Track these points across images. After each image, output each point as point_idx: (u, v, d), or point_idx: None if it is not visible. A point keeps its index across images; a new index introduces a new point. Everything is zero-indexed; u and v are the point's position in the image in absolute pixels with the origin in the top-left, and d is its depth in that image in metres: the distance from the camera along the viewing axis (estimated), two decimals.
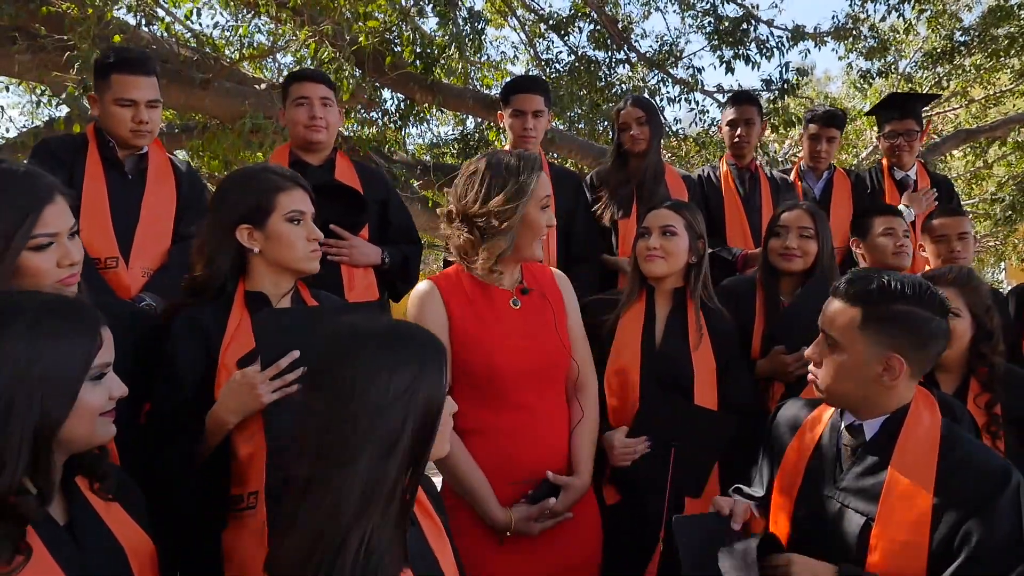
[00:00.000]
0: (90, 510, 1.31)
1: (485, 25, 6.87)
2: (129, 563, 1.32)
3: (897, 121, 3.80)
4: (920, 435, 1.60)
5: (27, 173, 1.52)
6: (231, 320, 1.80)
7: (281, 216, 1.83)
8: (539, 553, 2.02)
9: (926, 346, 1.60)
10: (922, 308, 1.57)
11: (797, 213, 2.72)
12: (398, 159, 7.00)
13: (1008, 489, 1.48)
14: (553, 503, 2.00)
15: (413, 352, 1.28)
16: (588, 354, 2.23)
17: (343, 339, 1.29)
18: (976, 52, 8.91)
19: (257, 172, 1.90)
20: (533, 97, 3.19)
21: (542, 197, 2.02)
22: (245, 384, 1.68)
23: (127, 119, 2.57)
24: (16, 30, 4.84)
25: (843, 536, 1.62)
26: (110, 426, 1.29)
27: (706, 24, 7.84)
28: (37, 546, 1.19)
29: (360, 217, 2.75)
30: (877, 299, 1.58)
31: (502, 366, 2.01)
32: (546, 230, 2.05)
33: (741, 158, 3.68)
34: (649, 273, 2.43)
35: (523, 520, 1.98)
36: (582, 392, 2.19)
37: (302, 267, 1.88)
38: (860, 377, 1.62)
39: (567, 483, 2.05)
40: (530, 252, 2.05)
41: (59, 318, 1.21)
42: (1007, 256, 13.62)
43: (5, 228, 1.44)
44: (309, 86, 2.84)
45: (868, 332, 1.59)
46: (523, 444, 2.03)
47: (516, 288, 2.11)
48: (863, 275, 1.64)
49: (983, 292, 2.30)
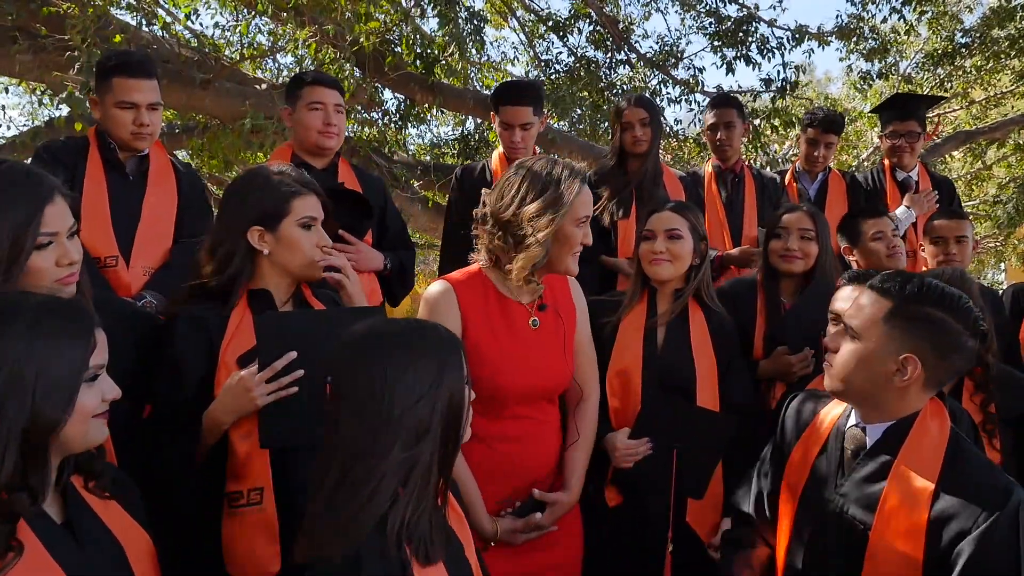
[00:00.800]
0: (87, 509, 1.31)
1: (485, 25, 6.87)
2: (128, 560, 1.32)
3: (899, 122, 3.80)
4: (925, 447, 1.57)
5: (28, 173, 1.52)
6: (232, 318, 1.81)
7: (294, 221, 1.83)
8: (521, 553, 2.02)
9: (947, 357, 1.55)
10: (955, 319, 1.53)
11: (798, 215, 2.72)
12: (398, 159, 7.00)
13: (1007, 510, 1.45)
14: (539, 518, 2.01)
15: (434, 348, 1.35)
16: (593, 364, 2.22)
17: (365, 341, 1.35)
18: (976, 53, 8.90)
19: (273, 175, 1.88)
20: (521, 110, 3.16)
21: (581, 215, 1.96)
22: (240, 386, 1.68)
23: (128, 122, 2.57)
24: (17, 30, 4.84)
25: (841, 542, 1.61)
26: (103, 428, 1.30)
27: (707, 25, 7.84)
28: (35, 545, 1.19)
29: (366, 223, 2.77)
30: (912, 297, 1.55)
31: (506, 386, 2.00)
32: (580, 247, 1.99)
33: (725, 160, 3.69)
34: (655, 277, 2.42)
35: (508, 532, 1.99)
36: (583, 406, 2.18)
37: (307, 273, 1.89)
38: (872, 371, 1.58)
39: (555, 500, 2.06)
40: (564, 266, 2.00)
41: (56, 319, 1.22)
42: (1007, 257, 13.62)
43: (14, 227, 1.45)
44: (326, 92, 2.84)
45: (892, 326, 1.55)
46: (517, 452, 2.04)
47: (535, 303, 2.08)
48: (903, 273, 1.61)
49: (975, 293, 2.30)
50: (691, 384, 2.36)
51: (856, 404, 1.68)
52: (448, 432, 1.33)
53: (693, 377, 2.36)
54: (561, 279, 2.18)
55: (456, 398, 1.35)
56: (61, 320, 1.22)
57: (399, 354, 1.31)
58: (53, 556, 1.20)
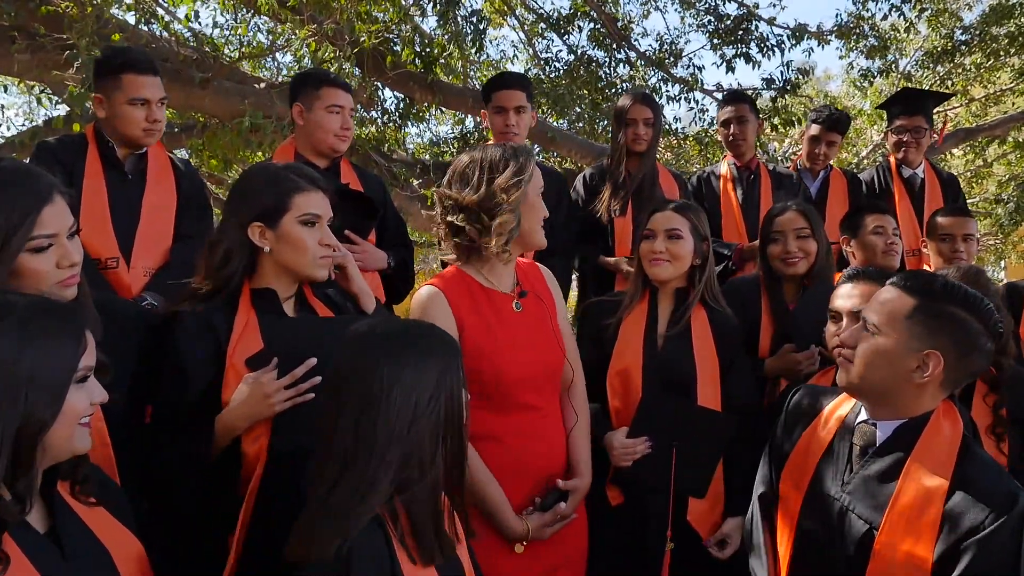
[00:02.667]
0: (72, 516, 1.29)
1: (487, 24, 6.85)
2: (116, 567, 1.30)
3: (906, 117, 3.79)
4: (939, 446, 1.56)
5: (26, 172, 1.50)
6: (238, 319, 1.77)
7: (295, 217, 1.79)
8: (530, 551, 2.01)
9: (967, 356, 1.55)
10: (977, 320, 1.53)
11: (790, 215, 2.70)
12: (397, 158, 6.99)
13: (1011, 516, 1.45)
14: (563, 507, 2.03)
15: (433, 348, 1.36)
16: (575, 350, 2.24)
17: (363, 341, 1.36)
18: (976, 51, 8.90)
19: (278, 170, 1.85)
20: (514, 93, 3.16)
21: (539, 184, 2.04)
22: (259, 392, 1.66)
23: (140, 119, 2.56)
24: (15, 29, 4.82)
25: (844, 540, 1.60)
26: (87, 437, 1.27)
27: (707, 23, 7.82)
28: (18, 558, 1.16)
29: (370, 222, 2.76)
30: (937, 295, 1.55)
31: (509, 373, 2.01)
32: (543, 218, 2.05)
33: (740, 156, 3.70)
34: (655, 277, 2.41)
35: (538, 528, 2.00)
36: (573, 391, 2.19)
37: (309, 272, 1.83)
38: (892, 368, 1.57)
39: (575, 487, 2.07)
40: (535, 238, 2.05)
41: (46, 319, 1.20)
42: (1007, 255, 13.62)
43: (4, 227, 1.42)
44: (343, 95, 2.82)
45: (914, 323, 1.55)
46: (530, 445, 2.04)
47: (515, 291, 2.11)
48: (927, 273, 1.62)
49: (992, 292, 2.29)
50: (692, 383, 2.34)
51: (870, 400, 1.66)
52: (448, 433, 1.34)
53: (694, 376, 2.35)
54: (534, 269, 2.22)
55: (454, 400, 1.35)
56: (51, 320, 1.20)
57: (397, 355, 1.32)
58: (37, 568, 1.17)
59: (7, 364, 1.14)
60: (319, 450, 1.34)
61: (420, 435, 1.30)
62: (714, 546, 2.27)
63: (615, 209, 3.29)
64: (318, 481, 1.30)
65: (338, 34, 5.33)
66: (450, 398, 1.34)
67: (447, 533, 1.39)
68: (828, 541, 1.63)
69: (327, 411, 1.35)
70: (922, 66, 9.44)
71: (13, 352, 1.14)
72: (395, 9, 5.85)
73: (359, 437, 1.28)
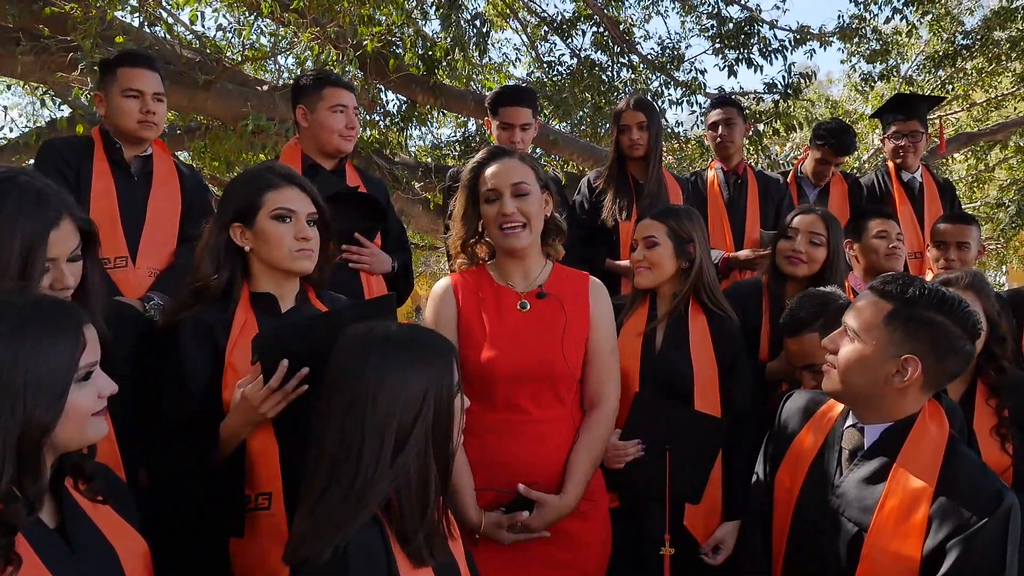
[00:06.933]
0: (80, 513, 1.30)
1: (491, 28, 6.87)
2: (121, 564, 1.30)
3: (902, 122, 3.81)
4: (924, 449, 1.58)
5: (39, 193, 1.49)
6: (236, 320, 1.79)
7: (267, 214, 1.80)
8: (545, 557, 2.00)
9: (944, 360, 1.57)
10: (954, 323, 1.55)
11: (811, 218, 2.70)
12: (399, 161, 7.00)
13: (996, 515, 1.47)
14: (526, 516, 1.94)
15: (423, 352, 1.37)
16: (613, 370, 2.15)
17: (355, 344, 1.37)
18: (977, 55, 8.91)
19: (256, 171, 1.90)
20: (521, 111, 3.22)
21: (483, 189, 2.06)
22: (246, 404, 1.66)
23: (135, 110, 2.58)
24: (19, 31, 4.84)
25: (835, 543, 1.62)
26: (103, 425, 1.28)
27: (708, 27, 7.83)
28: (27, 552, 1.17)
29: (376, 225, 2.78)
30: (912, 300, 1.57)
31: (492, 365, 1.99)
32: (502, 219, 2.01)
33: (727, 160, 3.70)
34: (636, 285, 2.46)
35: (492, 526, 1.94)
36: (594, 413, 2.10)
37: (288, 266, 1.83)
38: (872, 373, 1.59)
39: (540, 499, 1.95)
40: (505, 243, 2.04)
41: (42, 319, 1.19)
42: (1009, 259, 13.62)
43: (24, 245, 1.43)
44: (346, 94, 2.83)
45: (892, 328, 1.57)
46: (512, 447, 2.00)
47: (533, 291, 2.10)
48: (904, 277, 1.63)
49: (993, 297, 2.32)
50: (689, 386, 2.34)
51: (854, 405, 1.69)
52: (436, 437, 1.34)
53: (691, 379, 2.34)
54: (581, 280, 2.17)
55: (444, 404, 1.35)
56: (47, 320, 1.20)
57: (388, 358, 1.33)
58: (45, 563, 1.18)
59: (2, 369, 1.13)
60: (312, 449, 1.34)
61: (404, 437, 1.30)
62: (708, 552, 2.26)
63: (619, 213, 3.29)
64: (311, 480, 1.31)
65: (341, 37, 5.34)
66: (439, 401, 1.34)
67: (439, 533, 1.39)
68: (820, 543, 1.65)
69: (320, 410, 1.36)
70: (923, 70, 9.46)
71: (9, 358, 1.14)
72: (398, 12, 5.86)
73: (345, 437, 1.29)
